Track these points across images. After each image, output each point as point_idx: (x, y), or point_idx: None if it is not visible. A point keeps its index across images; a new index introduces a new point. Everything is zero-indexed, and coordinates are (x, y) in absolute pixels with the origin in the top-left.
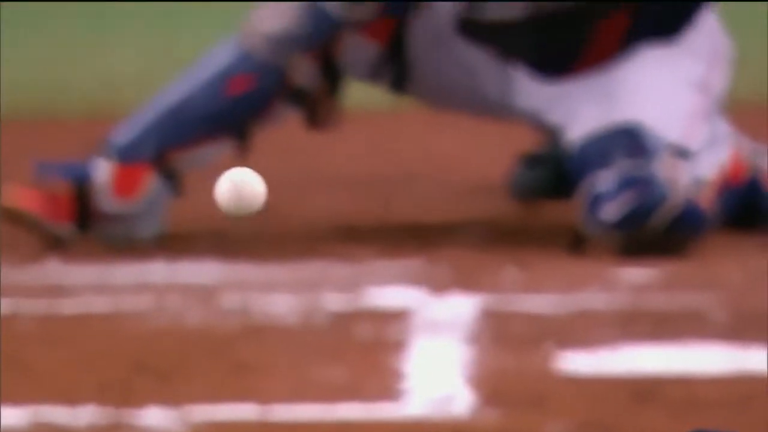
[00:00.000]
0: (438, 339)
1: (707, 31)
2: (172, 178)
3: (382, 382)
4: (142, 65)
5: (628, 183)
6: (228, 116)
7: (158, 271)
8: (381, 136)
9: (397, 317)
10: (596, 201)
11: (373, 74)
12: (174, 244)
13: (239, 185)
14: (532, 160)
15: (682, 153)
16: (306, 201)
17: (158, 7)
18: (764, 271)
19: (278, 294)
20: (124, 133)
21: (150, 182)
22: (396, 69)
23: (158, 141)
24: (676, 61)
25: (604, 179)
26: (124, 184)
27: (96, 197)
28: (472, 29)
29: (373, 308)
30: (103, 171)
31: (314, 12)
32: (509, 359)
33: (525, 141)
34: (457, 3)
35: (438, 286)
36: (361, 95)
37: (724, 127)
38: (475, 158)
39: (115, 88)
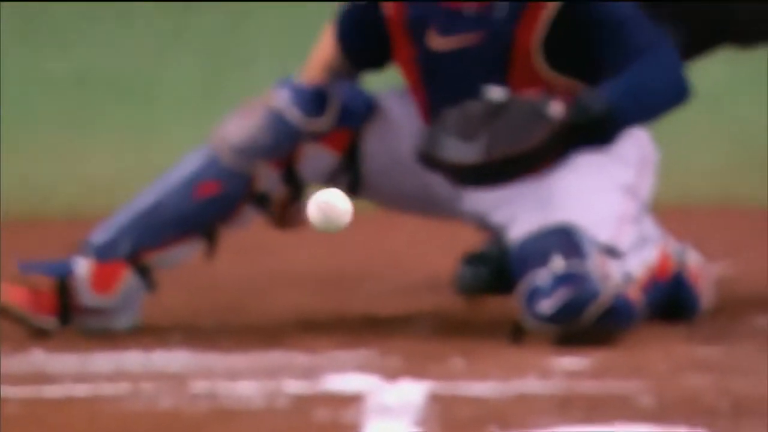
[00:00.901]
0: (390, 422)
1: (636, 140)
2: (145, 275)
3: None
4: (119, 171)
5: (562, 279)
6: (196, 219)
7: (134, 359)
8: (339, 236)
9: (352, 401)
10: (534, 296)
11: (331, 180)
12: (148, 335)
13: (327, 205)
14: (474, 259)
15: (612, 252)
16: (270, 296)
17: (134, 119)
18: (687, 359)
19: (244, 381)
20: (101, 234)
21: (125, 279)
22: (352, 176)
23: (132, 241)
24: (607, 167)
25: (541, 276)
26: (101, 281)
27: (76, 292)
28: (428, 160)
29: (330, 393)
30: (82, 268)
31: (276, 123)
32: None
33: (470, 240)
34: (414, 131)
35: (390, 373)
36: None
37: (652, 228)
38: (424, 256)
39: (95, 193)
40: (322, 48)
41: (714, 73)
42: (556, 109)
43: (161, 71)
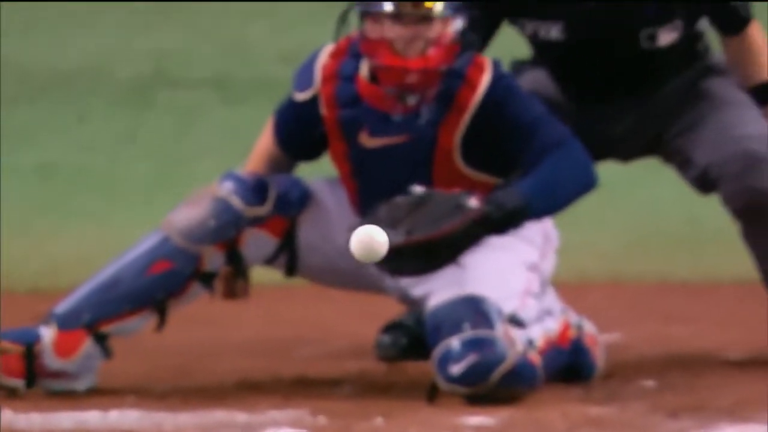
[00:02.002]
0: None
1: (541, 224)
2: (103, 343)
3: None
4: (80, 252)
5: (472, 345)
6: (149, 294)
7: (92, 418)
8: (276, 307)
9: None
10: (446, 360)
11: (270, 262)
12: (105, 396)
13: (368, 239)
14: (393, 327)
15: (516, 321)
16: (213, 361)
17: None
18: (583, 417)
19: None
20: (64, 306)
21: (85, 346)
22: (289, 258)
23: (92, 313)
24: (514, 247)
25: (453, 342)
26: (63, 347)
27: (41, 357)
28: None
29: None
30: (47, 336)
31: (221, 211)
32: None
33: (389, 311)
34: (345, 218)
35: (319, 430)
36: (261, 274)
37: (554, 301)
38: (348, 325)
39: (58, 271)
40: (263, 141)
41: (608, 166)
42: (473, 202)
43: (116, 165)
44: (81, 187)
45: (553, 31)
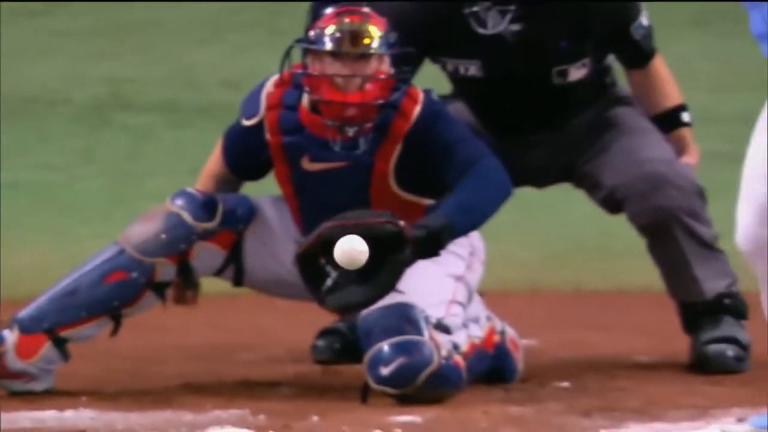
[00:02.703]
0: None
1: (468, 238)
2: (61, 346)
3: None
4: (41, 263)
5: (400, 349)
6: (105, 302)
7: (49, 417)
8: (220, 315)
9: None
10: (377, 363)
11: (218, 273)
12: (61, 396)
13: (351, 249)
14: (328, 332)
15: (443, 328)
16: (162, 365)
17: (53, 221)
18: (504, 416)
19: None
20: (26, 312)
21: (45, 349)
22: (236, 269)
23: (51, 318)
24: (442, 259)
25: (383, 346)
26: (25, 350)
27: (4, 358)
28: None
29: None
30: (10, 339)
31: (173, 226)
32: None
33: (325, 318)
34: (288, 233)
35: (260, 429)
36: (206, 284)
37: (480, 308)
38: (287, 331)
39: (20, 281)
40: (212, 161)
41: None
42: (402, 223)
43: (75, 182)
44: (42, 203)
45: (472, 69)
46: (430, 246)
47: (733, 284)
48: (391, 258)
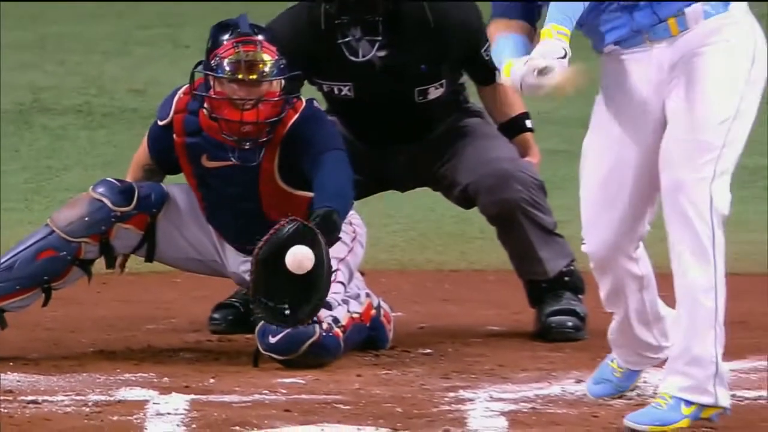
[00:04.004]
0: (164, 423)
1: (351, 225)
2: (0, 316)
3: None
4: None
5: None
6: (38, 277)
7: None
8: (128, 290)
9: (137, 408)
10: (266, 333)
11: (135, 250)
12: None
13: (300, 256)
14: (224, 306)
15: (325, 304)
16: (78, 334)
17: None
18: (374, 378)
19: (60, 394)
20: None
21: None
22: (150, 247)
23: None
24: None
25: None
26: None
27: None
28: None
29: (122, 403)
30: None
31: (96, 210)
32: None
33: (220, 294)
34: (195, 218)
35: (164, 389)
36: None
37: (361, 286)
38: (187, 305)
39: None
40: (140, 152)
41: None
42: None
43: (3, 176)
44: None
45: (345, 90)
46: (331, 230)
47: (572, 264)
48: (317, 251)
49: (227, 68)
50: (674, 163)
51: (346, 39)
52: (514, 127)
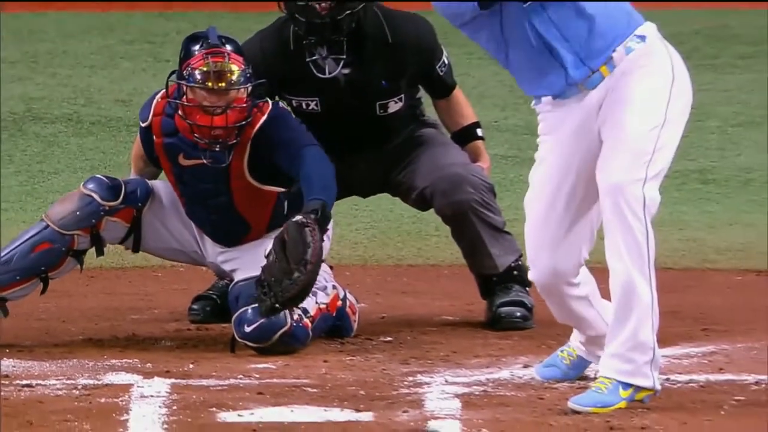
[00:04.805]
0: (147, 405)
1: None
2: (1, 305)
3: None
4: None
5: (260, 312)
6: (35, 268)
7: None
8: (114, 284)
9: (123, 391)
10: (242, 322)
11: (122, 241)
12: None
13: None
14: (202, 297)
15: None
16: (69, 324)
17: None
18: (340, 364)
19: (52, 378)
20: None
21: None
22: (136, 238)
23: None
24: None
25: (248, 310)
26: None
27: None
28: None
29: (109, 386)
30: None
31: (86, 205)
32: (187, 414)
33: (198, 286)
34: (177, 211)
35: (147, 373)
36: (101, 260)
37: (329, 278)
38: (168, 297)
39: None
40: (136, 145)
41: None
42: (300, 218)
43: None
44: None
45: (312, 105)
46: (326, 221)
47: (520, 259)
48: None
49: (198, 77)
50: (611, 168)
51: (314, 57)
52: (466, 136)
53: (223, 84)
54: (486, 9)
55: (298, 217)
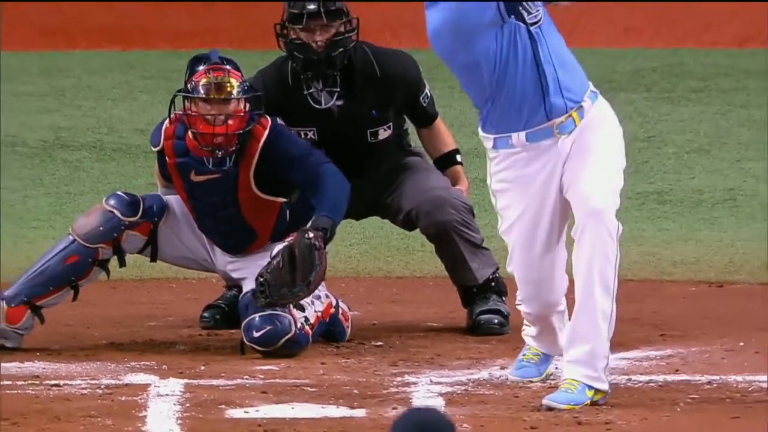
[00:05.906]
0: (163, 403)
1: None
2: (38, 312)
3: None
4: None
5: (268, 320)
6: (66, 278)
7: (11, 367)
8: (133, 293)
9: (141, 390)
10: (250, 328)
11: (141, 252)
12: (23, 351)
13: None
14: (212, 306)
15: (299, 306)
16: (92, 330)
17: (15, 226)
18: (335, 365)
19: (78, 379)
20: (10, 290)
21: (26, 316)
22: (153, 249)
23: (28, 294)
24: None
25: (256, 317)
26: (12, 318)
27: None
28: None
29: (129, 385)
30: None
31: (108, 220)
32: (199, 411)
33: (209, 296)
34: (190, 224)
35: (163, 374)
36: (122, 272)
37: (323, 287)
38: (182, 305)
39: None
40: (156, 167)
41: None
42: (311, 234)
43: (28, 200)
44: (5, 215)
45: (310, 134)
46: (331, 239)
47: (497, 272)
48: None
49: (201, 90)
50: (589, 197)
51: (310, 91)
52: (446, 161)
53: (223, 95)
54: (512, 12)
55: (311, 234)
